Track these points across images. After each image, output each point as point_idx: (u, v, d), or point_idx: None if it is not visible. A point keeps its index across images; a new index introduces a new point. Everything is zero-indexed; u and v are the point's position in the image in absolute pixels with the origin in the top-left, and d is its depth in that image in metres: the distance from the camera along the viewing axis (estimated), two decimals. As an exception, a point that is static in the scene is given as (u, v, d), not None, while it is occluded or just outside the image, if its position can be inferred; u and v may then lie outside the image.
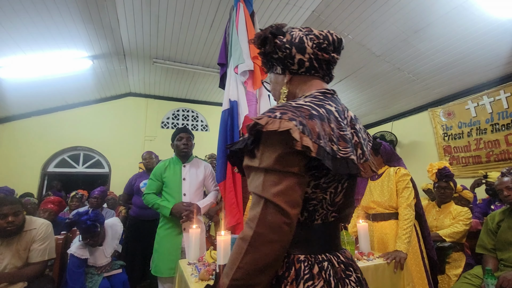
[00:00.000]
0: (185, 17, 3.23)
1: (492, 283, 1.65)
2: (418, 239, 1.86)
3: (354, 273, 0.66)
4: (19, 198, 2.73)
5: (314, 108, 0.61)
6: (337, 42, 0.73)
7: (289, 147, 0.54)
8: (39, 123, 4.65)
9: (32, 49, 3.20)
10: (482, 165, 3.59)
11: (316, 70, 0.73)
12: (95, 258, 2.08)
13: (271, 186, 0.53)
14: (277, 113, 0.56)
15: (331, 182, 0.62)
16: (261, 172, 0.56)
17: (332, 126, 0.61)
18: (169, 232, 1.99)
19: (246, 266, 0.51)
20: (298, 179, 0.54)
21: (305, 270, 0.59)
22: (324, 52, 0.71)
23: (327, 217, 0.65)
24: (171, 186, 2.05)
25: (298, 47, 0.70)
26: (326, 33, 0.72)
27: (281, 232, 0.51)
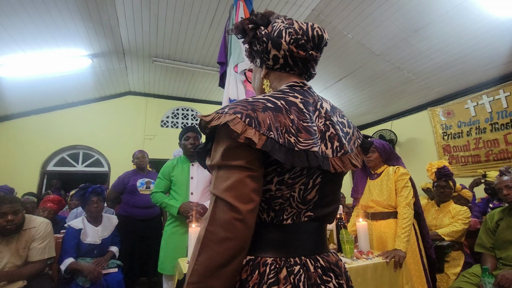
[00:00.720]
0: (184, 16, 3.22)
1: (489, 282, 1.65)
2: (416, 238, 1.87)
3: (334, 278, 0.60)
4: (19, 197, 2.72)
5: (271, 100, 0.59)
6: (317, 39, 0.67)
7: (234, 141, 0.52)
8: (39, 122, 4.64)
9: (31, 47, 3.19)
10: (481, 164, 3.60)
11: (290, 67, 0.69)
12: (86, 233, 2.20)
13: (221, 183, 0.52)
14: (226, 108, 0.56)
15: (298, 178, 0.58)
16: (215, 170, 0.55)
17: (291, 118, 0.58)
18: (176, 230, 2.01)
19: (200, 268, 0.48)
20: (247, 173, 0.52)
21: (270, 274, 0.54)
22: (301, 49, 0.67)
23: (299, 217, 0.60)
24: (179, 185, 2.07)
25: (274, 42, 0.67)
26: (306, 28, 0.67)
27: (234, 229, 0.49)
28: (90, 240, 2.21)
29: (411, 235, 1.81)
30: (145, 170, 3.13)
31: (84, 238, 2.19)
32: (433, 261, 1.93)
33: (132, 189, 2.90)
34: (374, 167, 2.04)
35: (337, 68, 4.08)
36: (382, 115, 5.20)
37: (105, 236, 2.30)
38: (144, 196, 2.89)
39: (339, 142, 0.66)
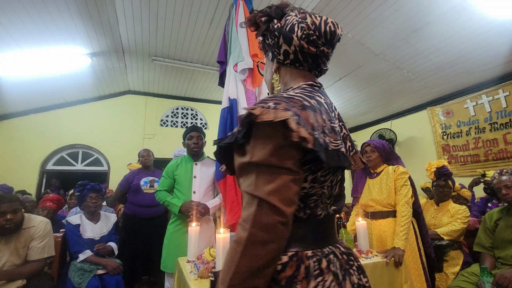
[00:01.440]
0: (184, 15, 3.21)
1: (488, 281, 1.66)
2: (416, 236, 1.88)
3: (355, 261, 0.67)
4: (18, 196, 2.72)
5: (306, 99, 0.59)
6: (329, 35, 0.66)
7: (283, 139, 0.50)
8: (38, 121, 4.63)
9: (30, 46, 3.18)
10: (481, 164, 3.60)
11: (300, 63, 0.69)
12: (85, 229, 2.22)
13: (265, 184, 0.50)
14: (270, 103, 0.53)
15: (327, 175, 0.61)
16: (253, 168, 0.52)
17: (323, 118, 0.59)
18: (178, 228, 2.03)
19: (242, 270, 0.48)
20: (292, 176, 0.52)
21: (315, 267, 0.57)
22: (311, 45, 0.66)
23: (327, 210, 0.64)
24: (182, 184, 2.09)
25: (286, 37, 0.66)
26: (319, 23, 0.66)
27: (276, 232, 0.49)
28: (89, 235, 2.22)
29: (410, 234, 1.82)
30: (150, 169, 3.13)
31: (83, 233, 2.21)
32: (432, 260, 1.94)
33: (136, 188, 2.91)
34: (373, 167, 2.05)
35: (336, 67, 4.08)
36: (381, 115, 5.21)
37: (104, 234, 2.30)
38: (148, 195, 2.89)
39: (351, 142, 0.70)
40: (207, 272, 1.19)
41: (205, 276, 1.17)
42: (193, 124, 5.80)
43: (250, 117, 0.52)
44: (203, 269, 1.20)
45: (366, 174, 2.12)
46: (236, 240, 0.50)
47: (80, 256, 2.10)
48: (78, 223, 2.22)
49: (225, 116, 1.90)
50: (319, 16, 0.67)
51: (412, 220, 1.89)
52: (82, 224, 2.24)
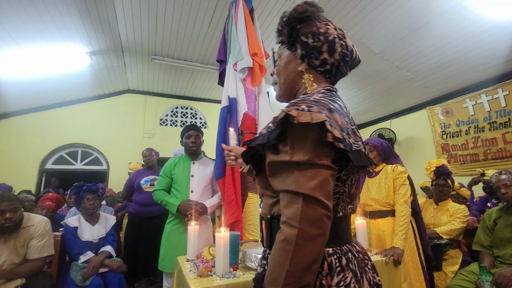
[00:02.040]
0: (184, 13, 3.21)
1: (487, 280, 1.66)
2: (414, 235, 1.88)
3: (369, 260, 0.70)
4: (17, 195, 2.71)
5: (330, 103, 0.62)
6: (356, 62, 0.73)
7: (319, 139, 0.54)
8: (37, 120, 4.63)
9: (28, 45, 3.18)
10: (480, 163, 3.61)
11: (330, 75, 0.72)
12: (82, 231, 2.20)
13: (308, 181, 0.52)
14: (303, 106, 0.56)
15: (349, 175, 0.63)
16: (292, 167, 0.54)
17: (346, 120, 0.63)
18: (176, 228, 2.02)
19: (296, 268, 0.49)
20: (331, 172, 0.55)
21: (336, 263, 0.59)
22: (344, 64, 0.71)
23: (345, 209, 0.66)
24: (180, 183, 2.08)
25: (330, 48, 0.68)
26: (352, 48, 0.71)
27: (324, 225, 0.52)
28: (87, 237, 2.21)
29: (409, 233, 1.82)
30: (154, 168, 3.15)
31: (81, 236, 2.19)
32: (430, 259, 1.94)
33: (138, 187, 2.93)
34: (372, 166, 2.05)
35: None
36: (381, 114, 5.21)
37: (102, 235, 2.28)
38: (149, 194, 2.91)
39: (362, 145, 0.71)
40: (207, 271, 1.19)
41: (205, 275, 1.17)
42: (191, 123, 5.80)
43: (288, 118, 0.55)
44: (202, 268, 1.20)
45: (365, 173, 2.11)
46: (285, 239, 0.51)
47: (81, 257, 2.08)
48: (76, 225, 2.20)
49: (224, 115, 1.89)
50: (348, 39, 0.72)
51: (410, 219, 1.89)
52: (80, 226, 2.21)
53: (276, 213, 0.65)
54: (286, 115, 0.55)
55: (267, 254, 0.69)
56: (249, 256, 1.24)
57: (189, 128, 2.19)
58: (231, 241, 1.24)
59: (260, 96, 2.00)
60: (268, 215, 0.67)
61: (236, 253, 1.31)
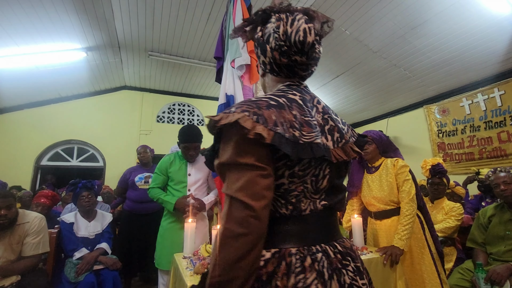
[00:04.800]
0: (181, 10, 3.18)
1: (482, 277, 1.68)
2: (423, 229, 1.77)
3: (352, 262, 0.65)
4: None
5: (273, 98, 0.63)
6: (299, 44, 0.64)
7: (244, 138, 0.55)
8: (32, 116, 4.57)
9: (23, 39, 3.13)
10: (475, 162, 3.64)
11: (277, 73, 0.72)
12: (79, 227, 2.20)
13: (233, 183, 0.55)
14: (232, 108, 0.58)
15: (307, 169, 0.61)
16: (224, 169, 0.57)
17: (294, 113, 0.62)
18: (172, 225, 2.01)
19: (222, 262, 0.52)
20: (257, 172, 0.55)
21: (297, 264, 0.58)
22: (284, 56, 0.66)
23: (315, 206, 0.64)
24: (176, 181, 2.06)
25: (261, 49, 0.70)
26: (290, 33, 0.64)
27: (249, 225, 0.52)
28: (83, 233, 2.21)
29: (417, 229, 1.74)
30: (148, 165, 3.13)
31: (77, 232, 2.19)
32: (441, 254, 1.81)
33: (132, 184, 2.92)
34: (371, 160, 1.92)
35: (334, 64, 4.08)
36: (378, 113, 5.23)
37: (98, 232, 2.29)
38: (143, 191, 2.90)
39: (339, 133, 0.70)
40: (203, 268, 1.19)
41: (201, 272, 1.17)
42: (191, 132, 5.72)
43: (212, 123, 0.58)
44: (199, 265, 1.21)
45: (363, 168, 2.00)
46: (217, 235, 0.54)
47: (76, 254, 2.08)
48: (72, 221, 2.20)
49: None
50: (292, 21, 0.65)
51: (417, 213, 1.78)
52: (76, 223, 2.22)
53: None
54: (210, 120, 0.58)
55: None
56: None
57: (189, 139, 2.01)
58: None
59: (258, 93, 2.00)
60: None
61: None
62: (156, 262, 2.00)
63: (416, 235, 1.74)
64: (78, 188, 2.28)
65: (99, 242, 2.26)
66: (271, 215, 0.61)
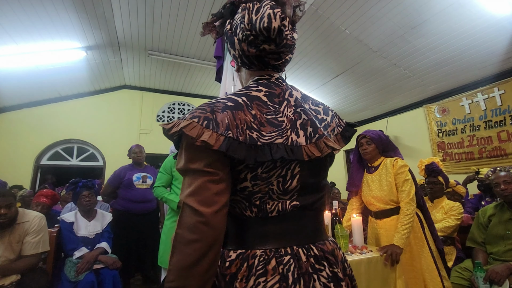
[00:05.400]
0: (181, 9, 3.17)
1: (481, 276, 1.69)
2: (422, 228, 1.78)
3: (328, 267, 0.60)
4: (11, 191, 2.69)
5: (232, 99, 0.60)
6: (265, 31, 0.59)
7: (192, 145, 0.54)
8: (32, 115, 4.57)
9: (23, 38, 3.13)
10: (475, 161, 3.64)
11: (248, 65, 0.68)
12: (79, 227, 2.21)
13: (186, 189, 0.54)
14: (187, 114, 0.57)
15: (272, 170, 0.58)
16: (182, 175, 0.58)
17: (253, 113, 0.58)
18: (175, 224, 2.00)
19: (174, 268, 0.51)
20: (207, 177, 0.53)
21: (258, 266, 0.56)
22: (251, 46, 0.63)
23: (284, 208, 0.60)
24: (180, 180, 2.09)
25: (230, 41, 0.66)
26: (255, 21, 0.60)
27: (199, 231, 0.51)
28: (83, 233, 2.21)
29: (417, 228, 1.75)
30: (142, 165, 3.11)
31: (77, 231, 2.19)
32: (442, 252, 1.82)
33: (129, 183, 2.88)
34: (371, 160, 1.92)
35: (334, 64, 4.07)
36: (378, 112, 5.23)
37: (98, 232, 2.28)
38: (141, 190, 2.88)
39: (313, 127, 0.64)
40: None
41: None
42: None
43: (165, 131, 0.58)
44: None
45: (363, 168, 2.00)
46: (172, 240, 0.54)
47: (76, 253, 2.08)
48: (72, 220, 2.21)
49: (222, 111, 1.89)
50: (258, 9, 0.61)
51: (417, 212, 1.80)
52: (76, 222, 2.22)
53: None
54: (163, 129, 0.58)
55: None
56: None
57: None
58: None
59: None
60: None
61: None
62: (160, 260, 2.03)
63: (416, 234, 1.75)
64: (78, 187, 2.28)
65: (99, 241, 2.26)
66: (237, 217, 0.61)
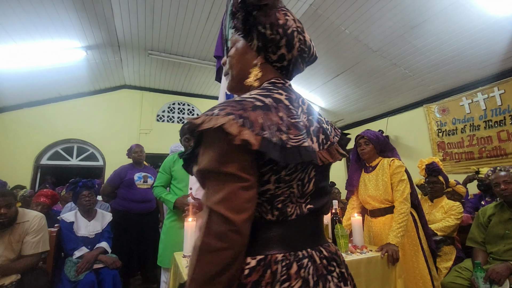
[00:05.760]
0: (181, 8, 3.17)
1: (481, 276, 1.69)
2: (416, 228, 1.81)
3: (337, 267, 0.63)
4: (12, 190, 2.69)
5: (259, 99, 0.58)
6: (313, 58, 0.69)
7: (228, 144, 0.50)
8: (31, 115, 4.57)
9: (22, 38, 3.12)
10: (474, 161, 3.64)
11: (287, 71, 0.68)
12: (79, 226, 2.21)
13: (213, 194, 0.50)
14: (215, 110, 0.53)
15: (294, 174, 0.58)
16: (204, 177, 0.53)
17: (280, 115, 0.57)
18: (174, 224, 2.03)
19: (198, 277, 0.49)
20: (240, 184, 0.50)
21: (282, 271, 0.55)
22: (301, 60, 0.68)
23: (301, 211, 0.61)
24: (179, 180, 2.09)
25: (288, 42, 0.64)
26: (310, 43, 0.68)
27: (229, 240, 0.49)
28: (83, 233, 2.22)
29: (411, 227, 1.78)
30: (142, 165, 3.11)
31: (77, 231, 2.20)
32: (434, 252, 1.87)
33: (129, 183, 2.89)
34: (368, 160, 1.97)
35: (334, 63, 4.07)
36: (378, 112, 5.22)
37: (98, 231, 2.29)
38: (142, 190, 2.89)
39: (324, 135, 0.67)
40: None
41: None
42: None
43: (192, 127, 0.52)
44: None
45: (361, 168, 2.04)
46: (194, 247, 0.50)
47: (76, 253, 2.08)
48: (72, 220, 2.21)
49: (222, 111, 1.88)
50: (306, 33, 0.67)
51: (411, 211, 1.83)
52: (76, 222, 2.22)
53: None
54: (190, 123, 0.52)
55: None
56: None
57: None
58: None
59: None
60: None
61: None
62: (159, 260, 2.02)
63: (410, 233, 1.78)
64: (78, 187, 2.28)
65: (99, 241, 2.26)
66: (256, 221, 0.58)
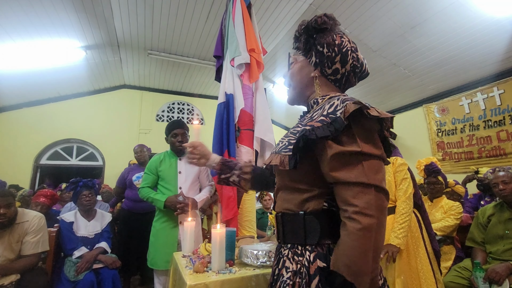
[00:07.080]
0: (180, 8, 3.17)
1: (480, 276, 1.69)
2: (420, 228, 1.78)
3: None
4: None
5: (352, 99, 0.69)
6: (365, 74, 0.79)
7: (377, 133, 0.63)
8: (31, 115, 4.56)
9: (22, 38, 3.12)
10: (474, 161, 3.65)
11: (340, 84, 0.76)
12: (78, 226, 2.21)
13: (375, 173, 0.57)
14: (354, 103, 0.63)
15: None
16: (360, 158, 0.58)
17: None
18: (165, 225, 1.97)
19: (376, 254, 0.54)
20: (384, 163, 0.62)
21: None
22: (354, 75, 0.76)
23: None
24: (167, 180, 2.03)
25: (343, 59, 0.73)
26: (363, 61, 0.77)
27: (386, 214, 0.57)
28: (83, 233, 2.21)
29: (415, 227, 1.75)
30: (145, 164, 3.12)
31: (76, 231, 2.19)
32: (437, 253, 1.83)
33: (130, 183, 2.91)
34: None
35: (334, 63, 4.06)
36: (377, 112, 5.23)
37: (97, 231, 2.29)
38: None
39: None
40: (203, 267, 1.19)
41: (201, 270, 1.17)
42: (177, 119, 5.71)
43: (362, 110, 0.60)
44: (198, 264, 1.21)
45: None
46: (364, 228, 0.53)
47: (75, 253, 2.08)
48: (72, 220, 2.21)
49: (221, 111, 1.88)
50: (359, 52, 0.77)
51: (414, 211, 1.81)
52: (76, 222, 2.22)
53: (311, 209, 0.65)
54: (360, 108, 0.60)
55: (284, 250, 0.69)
56: (246, 252, 1.24)
57: (175, 126, 2.08)
58: (227, 237, 1.24)
59: (257, 92, 1.99)
60: (299, 211, 0.66)
61: (233, 249, 1.32)
62: (150, 263, 1.95)
63: (413, 234, 1.75)
64: (78, 187, 2.28)
65: (98, 241, 2.26)
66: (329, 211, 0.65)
